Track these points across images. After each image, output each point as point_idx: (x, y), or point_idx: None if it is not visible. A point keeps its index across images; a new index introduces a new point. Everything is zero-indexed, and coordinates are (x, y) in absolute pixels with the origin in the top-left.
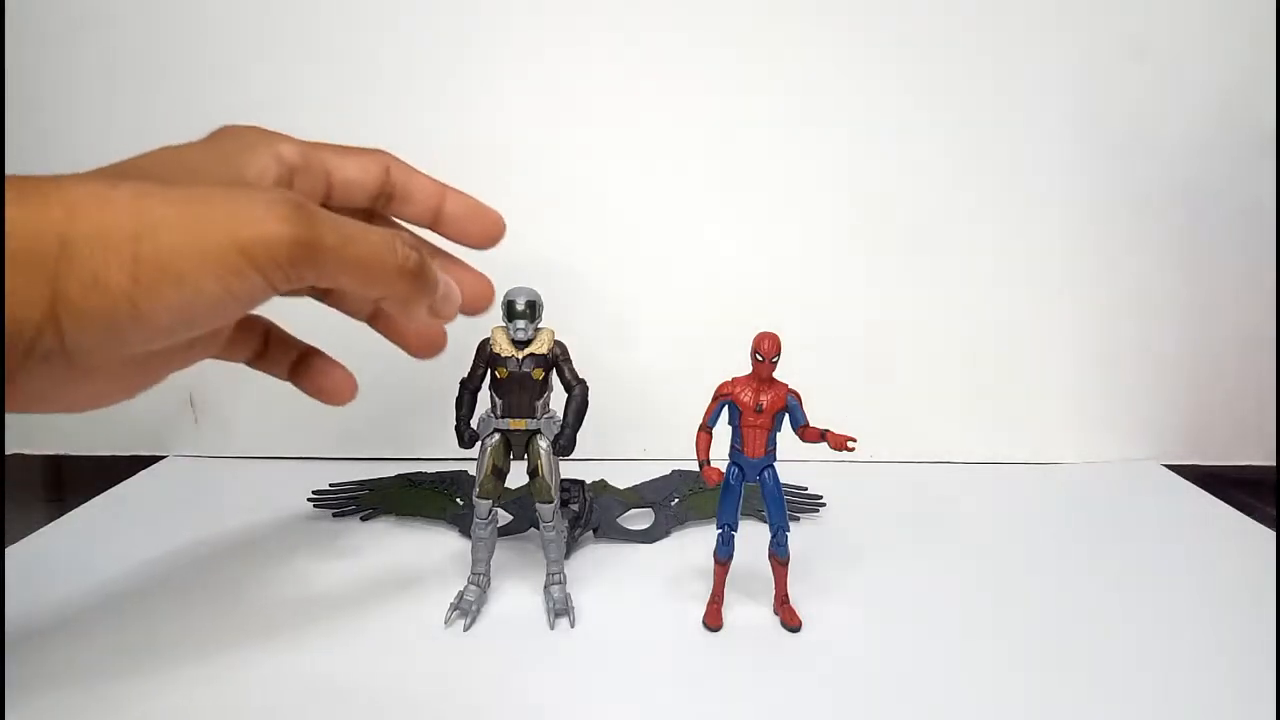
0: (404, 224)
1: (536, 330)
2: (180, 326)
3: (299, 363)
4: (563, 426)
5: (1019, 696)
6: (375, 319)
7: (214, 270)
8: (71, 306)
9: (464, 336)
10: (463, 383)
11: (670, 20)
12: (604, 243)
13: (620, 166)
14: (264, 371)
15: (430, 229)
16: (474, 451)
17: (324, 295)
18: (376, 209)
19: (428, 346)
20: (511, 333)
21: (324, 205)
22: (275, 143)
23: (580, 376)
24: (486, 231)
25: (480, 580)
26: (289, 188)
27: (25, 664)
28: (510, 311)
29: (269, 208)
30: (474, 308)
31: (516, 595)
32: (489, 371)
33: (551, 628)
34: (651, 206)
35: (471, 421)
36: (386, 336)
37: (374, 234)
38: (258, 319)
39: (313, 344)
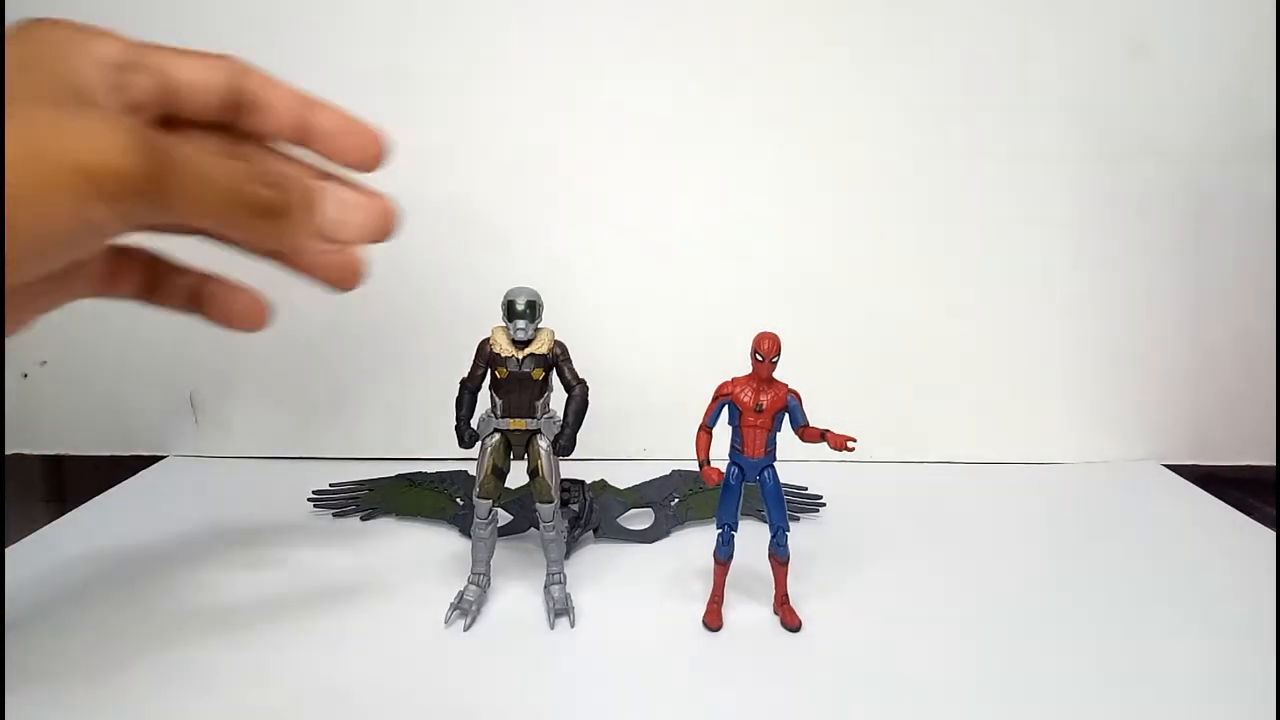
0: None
1: (537, 330)
2: (45, 255)
3: (198, 292)
4: (563, 427)
5: (1019, 696)
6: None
7: (65, 199)
8: None
9: (464, 336)
10: (462, 382)
11: (672, 18)
12: (604, 242)
13: (621, 165)
14: (160, 306)
15: (300, 145)
16: (474, 451)
17: (208, 234)
18: (229, 120)
19: (340, 277)
20: (512, 332)
21: (167, 111)
22: (92, 42)
23: (580, 377)
24: (363, 148)
25: (480, 580)
26: (121, 88)
27: (25, 664)
28: (510, 311)
29: (115, 130)
30: (373, 235)
31: (516, 595)
32: (489, 371)
33: (551, 628)
34: (652, 205)
35: (471, 421)
36: (294, 271)
37: (223, 168)
38: (138, 250)
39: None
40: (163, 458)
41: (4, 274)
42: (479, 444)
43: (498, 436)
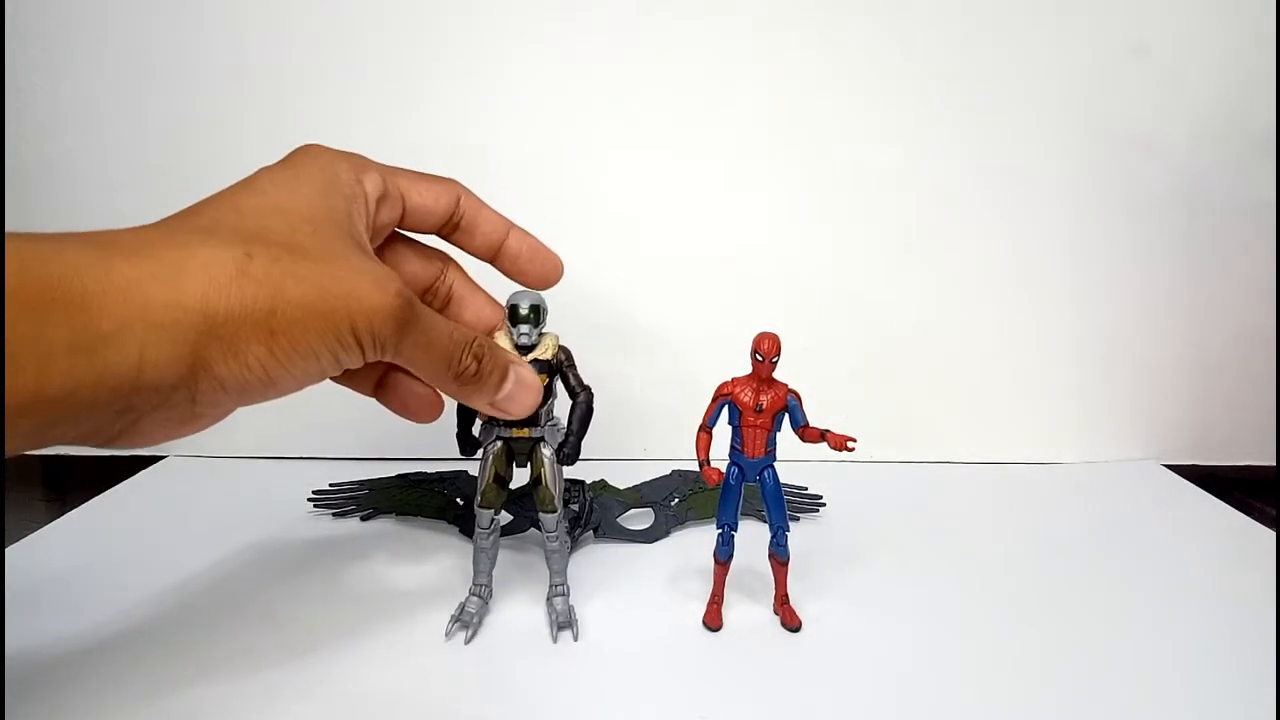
0: (464, 254)
1: (540, 335)
2: (295, 388)
3: (382, 381)
4: (567, 435)
5: (1018, 696)
6: (379, 391)
7: (332, 344)
8: (212, 374)
9: None
10: None
11: (671, 20)
12: (604, 242)
13: (621, 166)
14: (347, 387)
15: (490, 263)
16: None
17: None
18: (442, 235)
19: (426, 413)
20: (515, 337)
21: (398, 228)
22: (363, 178)
23: (585, 383)
24: (544, 274)
25: (482, 591)
26: (376, 218)
27: (24, 665)
28: (514, 316)
29: (383, 293)
30: (529, 412)
31: (517, 598)
32: None
33: (554, 640)
34: (652, 206)
35: (473, 429)
36: (390, 408)
37: (452, 336)
38: None
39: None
40: (163, 458)
41: (3, 306)
42: (481, 450)
43: (500, 444)
